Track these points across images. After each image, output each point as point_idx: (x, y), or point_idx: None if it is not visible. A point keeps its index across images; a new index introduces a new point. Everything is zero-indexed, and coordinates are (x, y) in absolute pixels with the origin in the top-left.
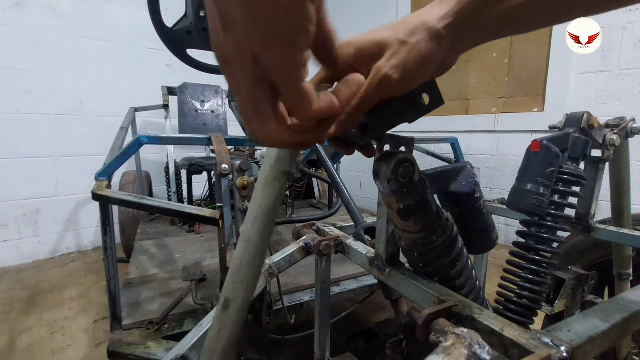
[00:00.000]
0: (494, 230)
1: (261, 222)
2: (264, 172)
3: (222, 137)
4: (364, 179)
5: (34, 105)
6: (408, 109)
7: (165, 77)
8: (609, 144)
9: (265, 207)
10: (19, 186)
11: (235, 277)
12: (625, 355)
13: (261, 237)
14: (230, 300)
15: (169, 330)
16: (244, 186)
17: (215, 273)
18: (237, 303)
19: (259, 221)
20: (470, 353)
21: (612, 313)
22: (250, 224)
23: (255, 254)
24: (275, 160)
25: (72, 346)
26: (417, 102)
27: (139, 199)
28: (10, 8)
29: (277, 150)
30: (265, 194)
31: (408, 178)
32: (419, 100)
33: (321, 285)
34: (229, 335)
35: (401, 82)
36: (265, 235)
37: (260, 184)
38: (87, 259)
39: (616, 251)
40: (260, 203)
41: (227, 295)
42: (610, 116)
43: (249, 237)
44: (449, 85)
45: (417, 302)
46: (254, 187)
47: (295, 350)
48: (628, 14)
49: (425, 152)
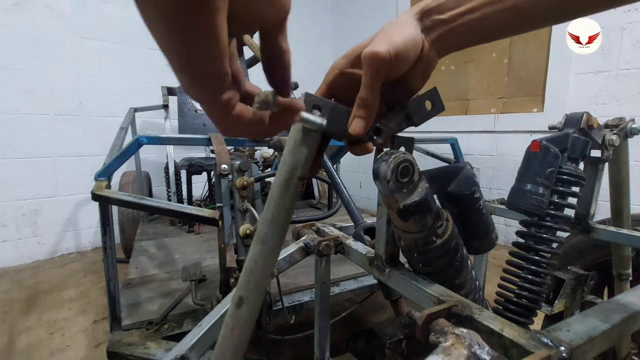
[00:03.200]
0: (493, 231)
1: (277, 224)
2: (280, 176)
3: (221, 138)
4: (363, 179)
5: (34, 105)
6: (416, 114)
7: (165, 77)
8: (608, 144)
9: (281, 209)
10: (18, 186)
11: (250, 276)
12: (625, 355)
13: (277, 239)
14: (244, 298)
15: (169, 330)
16: (244, 186)
17: (214, 273)
18: (250, 302)
19: (275, 223)
20: (470, 353)
21: (611, 313)
22: (267, 226)
23: (271, 255)
24: (292, 166)
25: (71, 346)
26: (422, 107)
27: (139, 199)
28: (10, 8)
29: (294, 155)
30: (281, 198)
31: (407, 178)
32: (423, 106)
33: (321, 285)
34: (242, 333)
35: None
36: (280, 236)
37: (275, 187)
38: (87, 259)
39: (615, 251)
40: (275, 206)
41: (242, 294)
42: (610, 116)
43: (265, 238)
44: (448, 86)
45: (416, 302)
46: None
47: (295, 351)
48: (627, 14)
49: (425, 152)
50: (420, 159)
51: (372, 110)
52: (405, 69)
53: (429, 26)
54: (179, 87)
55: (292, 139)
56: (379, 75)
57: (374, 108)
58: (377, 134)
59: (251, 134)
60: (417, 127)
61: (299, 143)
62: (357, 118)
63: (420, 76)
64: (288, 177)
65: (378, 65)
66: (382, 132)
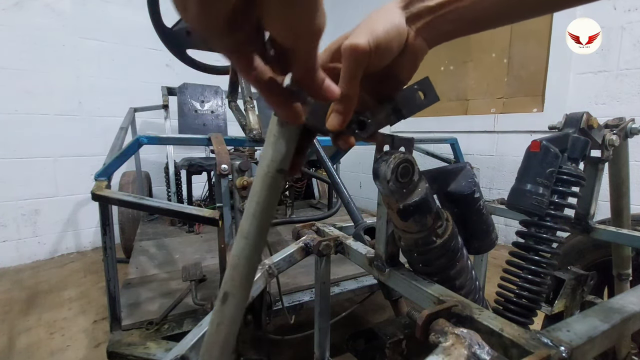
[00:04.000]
0: (493, 231)
1: (258, 219)
2: (260, 170)
3: (221, 138)
4: (363, 179)
5: (34, 105)
6: (405, 105)
7: (164, 77)
8: (608, 144)
9: (263, 204)
10: (18, 186)
11: (234, 272)
12: (625, 355)
13: (259, 234)
14: (229, 294)
15: (169, 330)
16: (244, 186)
17: (214, 273)
18: (235, 297)
19: (256, 218)
20: (470, 353)
21: (611, 313)
22: (248, 221)
23: (254, 250)
24: (271, 159)
25: (71, 347)
26: (412, 99)
27: (139, 199)
28: (9, 8)
29: (273, 149)
30: (262, 192)
31: (407, 178)
32: (415, 97)
33: (321, 285)
34: (228, 329)
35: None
36: (262, 231)
37: (256, 182)
38: (87, 259)
39: (615, 251)
40: (257, 200)
41: (226, 289)
42: (610, 116)
43: (247, 233)
44: (448, 86)
45: (416, 302)
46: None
47: (295, 351)
48: (627, 14)
49: (425, 152)
50: (420, 159)
51: (350, 105)
52: (389, 59)
53: (414, 14)
54: (179, 87)
55: (271, 132)
56: (359, 68)
57: (352, 102)
58: (361, 128)
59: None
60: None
61: (278, 136)
62: (335, 113)
63: (409, 66)
64: (267, 171)
65: (358, 57)
66: (367, 126)
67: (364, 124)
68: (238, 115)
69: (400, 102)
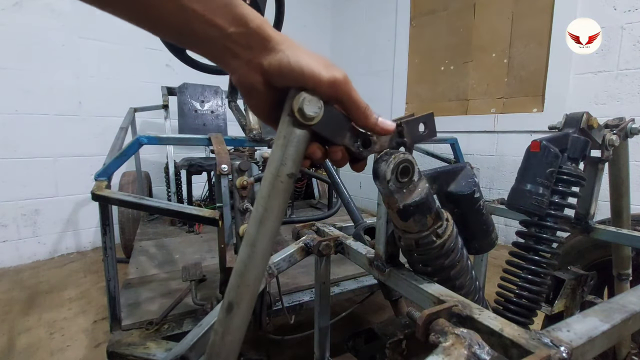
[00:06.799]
0: (493, 231)
1: (266, 225)
2: (269, 173)
3: (221, 138)
4: (363, 179)
5: (34, 105)
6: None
7: (165, 77)
8: (608, 144)
9: (271, 210)
10: (18, 186)
11: (239, 280)
12: (625, 355)
13: (266, 241)
14: (234, 304)
15: (169, 330)
16: (244, 186)
17: (214, 273)
18: (241, 307)
19: (264, 225)
20: (470, 353)
21: (611, 313)
22: (255, 227)
23: (261, 258)
24: (280, 162)
25: (71, 347)
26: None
27: (139, 199)
28: (9, 8)
29: (282, 153)
30: (271, 197)
31: (407, 178)
32: (417, 128)
33: (321, 285)
34: (233, 340)
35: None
36: (270, 239)
37: (264, 186)
38: (87, 259)
39: (615, 251)
40: (265, 206)
41: (231, 299)
42: (610, 116)
43: (254, 240)
44: (448, 86)
45: (416, 302)
46: (255, 188)
47: (295, 351)
48: (627, 14)
49: (425, 152)
50: (420, 159)
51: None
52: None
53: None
54: (179, 87)
55: (281, 134)
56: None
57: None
58: (366, 146)
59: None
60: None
61: (289, 138)
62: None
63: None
64: (277, 175)
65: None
66: (372, 145)
67: (369, 143)
68: (238, 115)
69: (406, 129)
